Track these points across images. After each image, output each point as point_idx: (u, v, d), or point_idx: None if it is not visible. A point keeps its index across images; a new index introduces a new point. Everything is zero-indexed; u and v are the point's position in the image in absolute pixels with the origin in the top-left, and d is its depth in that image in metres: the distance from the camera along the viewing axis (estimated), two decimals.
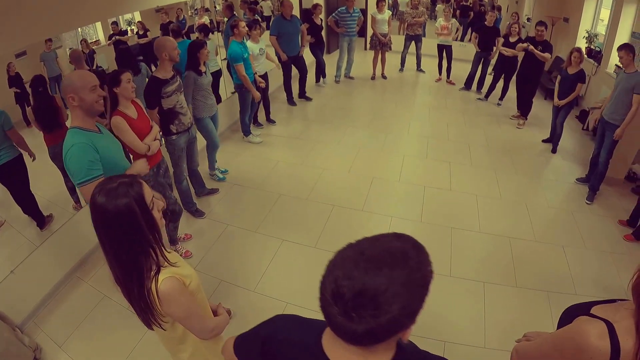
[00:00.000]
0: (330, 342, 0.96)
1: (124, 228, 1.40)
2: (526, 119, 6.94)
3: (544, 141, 6.31)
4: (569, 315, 1.34)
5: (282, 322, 1.14)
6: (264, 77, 5.93)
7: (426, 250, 0.87)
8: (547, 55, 6.30)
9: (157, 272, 1.49)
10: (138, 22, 5.24)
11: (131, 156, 3.21)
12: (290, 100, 7.38)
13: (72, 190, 3.90)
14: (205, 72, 4.32)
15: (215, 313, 1.93)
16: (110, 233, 1.42)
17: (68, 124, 2.73)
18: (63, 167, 2.27)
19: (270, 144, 5.98)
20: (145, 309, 1.50)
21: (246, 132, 5.86)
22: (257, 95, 5.40)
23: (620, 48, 4.55)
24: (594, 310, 1.26)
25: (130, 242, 1.43)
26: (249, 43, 5.46)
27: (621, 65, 4.64)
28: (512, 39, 7.02)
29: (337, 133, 6.30)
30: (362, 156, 5.62)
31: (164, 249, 1.54)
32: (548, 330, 1.49)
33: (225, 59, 5.77)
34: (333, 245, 3.44)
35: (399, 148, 5.91)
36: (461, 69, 8.50)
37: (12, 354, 2.71)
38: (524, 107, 6.93)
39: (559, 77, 5.81)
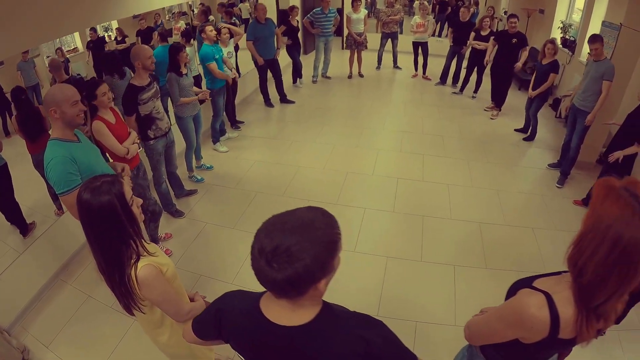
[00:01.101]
0: (265, 303, 1.17)
1: (107, 221, 1.58)
2: (500, 110, 7.14)
3: (517, 130, 6.51)
4: (514, 289, 1.41)
5: (228, 297, 1.32)
6: (233, 81, 6.07)
7: (334, 218, 1.08)
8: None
9: (137, 260, 1.67)
10: (116, 28, 5.35)
11: (110, 160, 3.35)
12: (268, 102, 7.49)
13: (54, 197, 4.00)
14: (186, 74, 4.49)
15: (192, 300, 2.10)
16: (95, 226, 1.59)
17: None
18: None
19: (248, 145, 6.12)
20: (126, 293, 1.68)
21: (215, 139, 5.96)
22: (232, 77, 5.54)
23: (593, 40, 4.63)
24: (536, 283, 1.35)
25: (112, 234, 1.61)
26: (219, 48, 5.56)
27: (591, 55, 4.77)
28: (483, 33, 7.22)
29: (313, 132, 6.46)
30: (337, 153, 5.78)
31: (143, 241, 1.73)
32: None
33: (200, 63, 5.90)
34: None
35: (373, 143, 6.07)
36: (438, 65, 8.67)
37: (1, 355, 2.83)
38: (498, 99, 7.12)
39: (531, 67, 5.97)
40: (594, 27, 6.40)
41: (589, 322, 1.20)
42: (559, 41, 8.35)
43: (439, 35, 11.30)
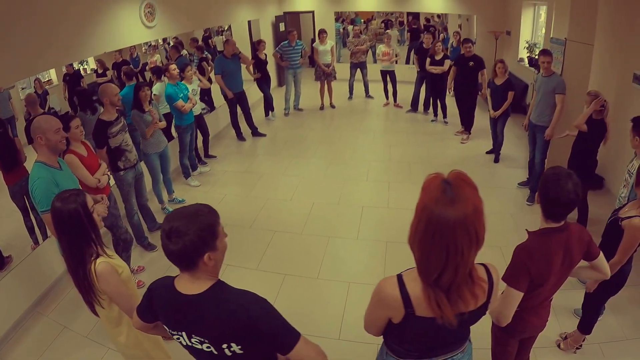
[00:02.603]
0: (178, 279, 1.50)
1: (73, 225, 2.01)
2: (469, 133, 7.28)
3: (487, 152, 6.63)
4: None
5: (158, 280, 1.62)
6: (199, 117, 6.18)
7: (215, 211, 1.46)
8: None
9: (96, 257, 2.05)
10: (97, 60, 5.45)
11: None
12: (240, 136, 7.57)
13: (31, 230, 4.13)
14: (148, 111, 4.62)
15: None
16: (64, 229, 2.02)
17: (26, 163, 3.59)
18: (23, 206, 2.80)
19: (220, 179, 6.17)
20: (88, 288, 2.05)
21: (186, 175, 6.01)
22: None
23: (544, 54, 4.83)
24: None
25: (77, 235, 2.03)
26: (184, 85, 5.65)
27: (541, 71, 4.97)
28: (437, 57, 7.45)
29: (282, 164, 6.54)
30: (305, 184, 5.85)
31: (103, 244, 2.14)
32: None
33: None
34: (275, 266, 4.00)
35: (340, 173, 6.16)
36: (411, 92, 8.79)
37: None
38: (466, 122, 7.27)
39: (489, 89, 6.16)
40: None
41: (439, 298, 1.34)
42: (526, 60, 8.67)
43: (408, 62, 11.61)
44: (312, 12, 11.54)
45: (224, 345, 1.45)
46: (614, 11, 5.15)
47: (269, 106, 8.59)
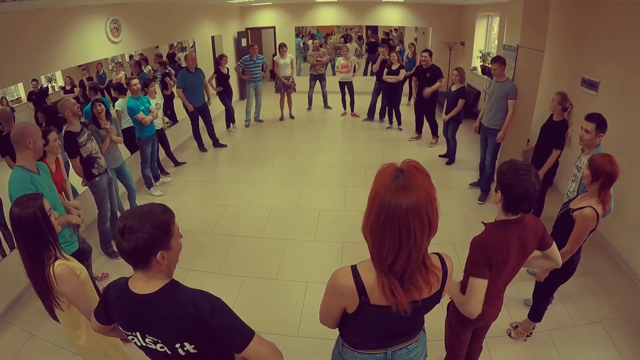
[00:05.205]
0: (131, 279, 1.51)
1: (31, 229, 2.05)
2: (437, 137, 7.61)
3: (440, 156, 7.01)
4: None
5: (112, 283, 1.62)
6: (160, 132, 6.34)
7: (170, 210, 1.47)
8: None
9: (54, 260, 2.10)
10: (67, 77, 5.51)
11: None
12: (202, 147, 7.75)
13: None
14: (104, 127, 4.73)
15: None
16: (22, 233, 2.06)
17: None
18: None
19: (181, 188, 6.32)
20: (47, 291, 2.08)
21: (148, 185, 6.14)
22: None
23: (494, 61, 5.14)
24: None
25: (35, 239, 2.07)
26: (146, 98, 5.82)
27: (494, 76, 5.27)
28: (394, 67, 7.85)
29: (241, 173, 6.75)
30: (264, 191, 6.07)
31: (60, 247, 2.21)
32: None
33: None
34: (235, 269, 4.25)
35: (298, 180, 6.41)
36: (368, 102, 9.14)
37: None
38: (432, 127, 7.58)
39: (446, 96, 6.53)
40: None
41: (393, 285, 1.37)
42: (479, 69, 9.15)
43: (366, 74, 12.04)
44: (274, 27, 11.86)
45: (177, 345, 1.46)
46: (564, 19, 5.55)
47: (230, 118, 8.79)
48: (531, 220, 2.10)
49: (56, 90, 5.53)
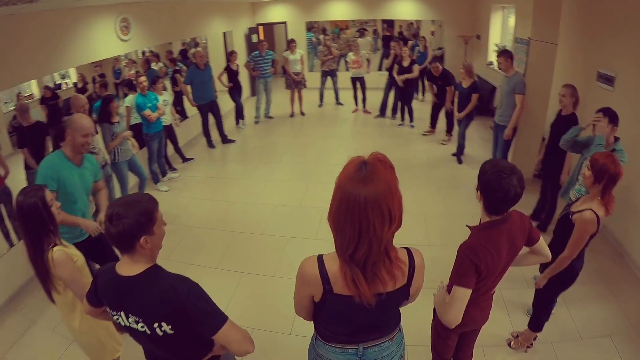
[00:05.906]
0: (119, 263, 1.64)
1: (32, 217, 2.21)
2: (451, 134, 7.46)
3: (453, 155, 6.81)
4: None
5: (102, 267, 1.76)
6: (169, 128, 6.39)
7: (154, 200, 1.62)
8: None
9: (53, 246, 2.26)
10: (79, 74, 5.58)
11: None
12: (210, 144, 7.77)
13: (6, 236, 4.22)
14: (118, 122, 4.87)
15: None
16: (25, 220, 2.23)
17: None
18: None
19: (188, 184, 6.34)
20: (45, 275, 2.24)
21: (155, 180, 6.19)
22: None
23: (499, 55, 4.99)
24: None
25: (37, 226, 2.23)
26: (154, 95, 5.85)
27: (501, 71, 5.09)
28: (405, 63, 7.70)
29: (249, 169, 6.73)
30: (269, 188, 6.04)
31: (59, 235, 2.35)
32: None
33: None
34: (234, 265, 4.22)
35: (305, 177, 6.36)
36: (381, 98, 9.04)
37: None
38: (448, 125, 7.43)
39: (457, 92, 6.38)
40: None
41: (355, 274, 1.40)
42: (495, 64, 8.90)
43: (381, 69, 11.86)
44: (285, 22, 11.79)
45: (155, 325, 1.56)
46: (578, 11, 5.30)
47: (239, 115, 8.79)
48: (517, 217, 2.03)
49: (69, 86, 5.59)
